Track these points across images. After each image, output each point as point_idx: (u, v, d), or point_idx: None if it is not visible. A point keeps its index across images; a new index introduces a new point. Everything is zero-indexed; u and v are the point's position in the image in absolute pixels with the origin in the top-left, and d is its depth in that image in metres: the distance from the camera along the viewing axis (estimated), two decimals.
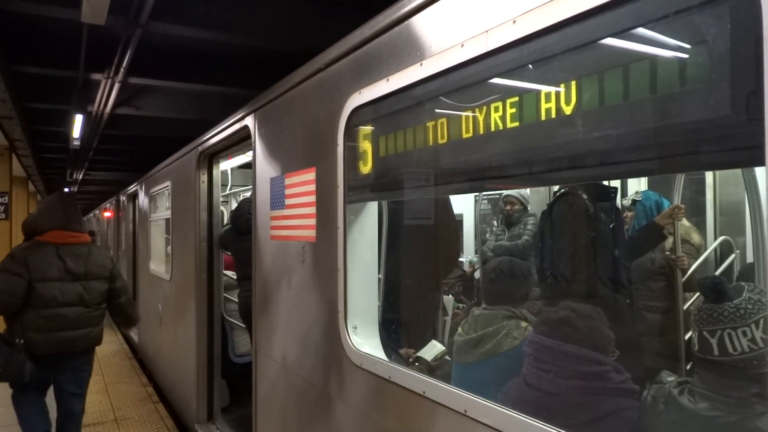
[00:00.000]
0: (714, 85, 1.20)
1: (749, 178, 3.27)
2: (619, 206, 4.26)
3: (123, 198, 11.65)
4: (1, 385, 4.05)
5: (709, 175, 4.95)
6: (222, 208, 6.26)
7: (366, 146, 2.48)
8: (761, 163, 1.05)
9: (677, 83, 1.28)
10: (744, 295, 1.70)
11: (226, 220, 6.56)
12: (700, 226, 4.90)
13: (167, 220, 6.81)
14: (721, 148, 1.25)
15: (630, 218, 4.57)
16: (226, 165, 7.22)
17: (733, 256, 4.50)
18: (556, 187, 4.26)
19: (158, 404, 6.77)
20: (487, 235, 6.43)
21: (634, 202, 4.55)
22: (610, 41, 1.43)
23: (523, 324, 2.53)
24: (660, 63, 1.31)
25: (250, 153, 3.83)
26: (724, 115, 1.18)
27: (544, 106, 1.60)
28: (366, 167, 2.47)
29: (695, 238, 4.53)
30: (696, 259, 4.39)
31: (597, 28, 1.42)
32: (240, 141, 4.34)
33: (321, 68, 2.81)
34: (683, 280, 3.91)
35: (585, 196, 3.52)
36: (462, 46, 1.81)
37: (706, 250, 4.63)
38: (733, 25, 1.15)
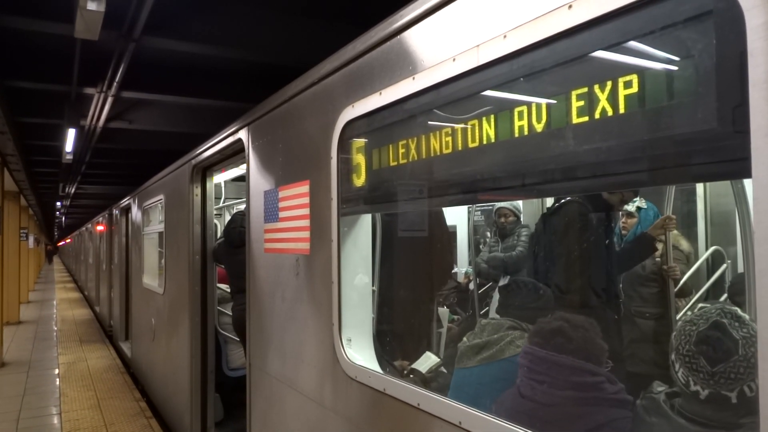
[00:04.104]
0: (700, 99, 1.22)
1: (738, 189, 3.31)
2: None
3: (116, 212, 11.60)
4: None
5: (699, 186, 5.00)
6: (215, 221, 6.25)
7: (359, 159, 2.49)
8: (747, 176, 1.06)
9: (665, 97, 1.30)
10: (738, 336, 1.60)
11: (219, 234, 6.54)
12: (692, 237, 4.94)
13: (160, 233, 6.79)
14: (708, 160, 1.26)
15: (631, 225, 4.60)
16: (220, 178, 7.23)
17: (724, 266, 4.53)
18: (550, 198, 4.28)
19: (151, 419, 6.71)
20: (481, 247, 6.45)
21: (638, 209, 4.58)
22: (598, 56, 1.45)
23: (527, 335, 2.55)
24: (648, 77, 1.34)
25: (244, 166, 3.84)
26: (710, 129, 1.20)
27: (534, 119, 1.62)
28: (359, 180, 2.48)
29: (684, 244, 4.57)
30: (686, 264, 4.43)
31: (586, 42, 1.45)
32: (233, 154, 4.35)
33: (314, 82, 2.83)
34: (675, 289, 3.93)
35: (587, 206, 3.53)
36: (454, 60, 1.84)
37: (695, 256, 4.67)
38: (719, 40, 1.17)
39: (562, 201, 3.65)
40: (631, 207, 4.64)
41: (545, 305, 2.88)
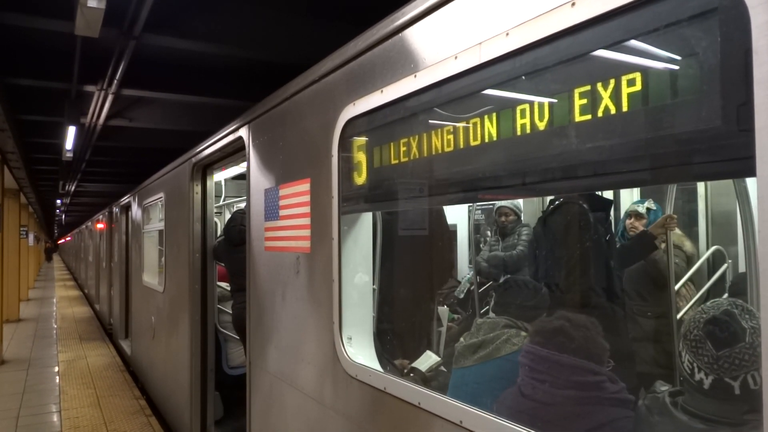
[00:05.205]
0: (705, 97, 1.21)
1: (741, 188, 3.30)
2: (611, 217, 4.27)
3: (116, 209, 11.60)
4: None
5: (700, 185, 4.99)
6: (216, 219, 6.24)
7: (360, 157, 2.48)
8: (751, 174, 1.06)
9: (668, 95, 1.30)
10: (746, 325, 1.60)
11: (219, 232, 6.53)
12: (693, 236, 4.93)
13: (160, 231, 6.79)
14: (712, 159, 1.26)
15: (641, 225, 4.58)
16: (220, 176, 7.22)
17: (725, 266, 4.52)
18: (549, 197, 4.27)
19: (151, 417, 6.71)
20: (482, 246, 6.44)
21: (648, 210, 4.55)
22: (601, 53, 1.44)
23: (523, 333, 2.55)
24: (651, 75, 1.33)
25: (244, 164, 3.83)
26: (714, 127, 1.19)
27: (537, 117, 1.61)
28: (360, 178, 2.48)
29: (687, 245, 4.55)
30: (687, 265, 4.42)
31: (589, 40, 1.44)
32: (234, 152, 4.34)
33: (315, 80, 2.82)
34: (676, 287, 3.93)
35: (585, 206, 3.53)
36: (456, 58, 1.83)
37: (698, 258, 4.65)
38: (723, 38, 1.17)
39: (557, 203, 3.65)
40: (641, 209, 4.62)
41: (540, 303, 2.87)
